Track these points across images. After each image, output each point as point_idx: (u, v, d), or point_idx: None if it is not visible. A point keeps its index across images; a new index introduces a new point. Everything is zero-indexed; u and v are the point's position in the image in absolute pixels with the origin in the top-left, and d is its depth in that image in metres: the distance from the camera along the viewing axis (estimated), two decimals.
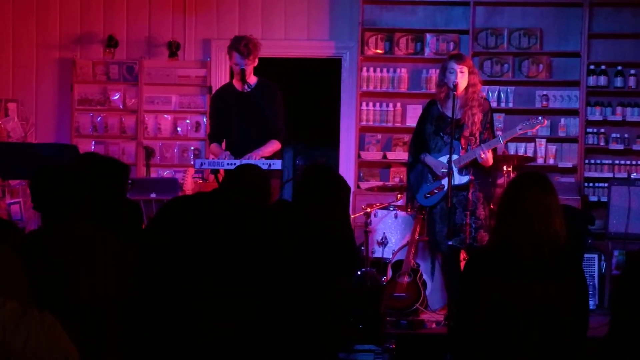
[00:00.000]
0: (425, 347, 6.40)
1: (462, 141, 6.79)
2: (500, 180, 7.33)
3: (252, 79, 7.17)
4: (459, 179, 6.74)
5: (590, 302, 7.12)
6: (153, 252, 4.63)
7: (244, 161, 6.61)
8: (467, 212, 6.73)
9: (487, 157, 6.70)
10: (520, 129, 6.86)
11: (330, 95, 9.98)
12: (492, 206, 6.85)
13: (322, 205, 5.24)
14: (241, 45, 7.06)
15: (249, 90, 7.07)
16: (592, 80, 9.24)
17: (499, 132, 7.32)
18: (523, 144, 9.33)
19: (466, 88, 6.79)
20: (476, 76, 6.87)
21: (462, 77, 6.75)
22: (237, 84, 7.23)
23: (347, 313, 6.24)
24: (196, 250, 4.57)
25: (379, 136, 9.63)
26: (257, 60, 7.17)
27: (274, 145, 7.09)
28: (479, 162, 6.73)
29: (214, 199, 4.90)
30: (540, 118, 6.86)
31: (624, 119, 9.24)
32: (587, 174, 9.21)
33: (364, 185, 9.40)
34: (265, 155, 6.98)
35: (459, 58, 6.87)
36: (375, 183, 9.21)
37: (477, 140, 6.79)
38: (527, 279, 4.02)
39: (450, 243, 6.72)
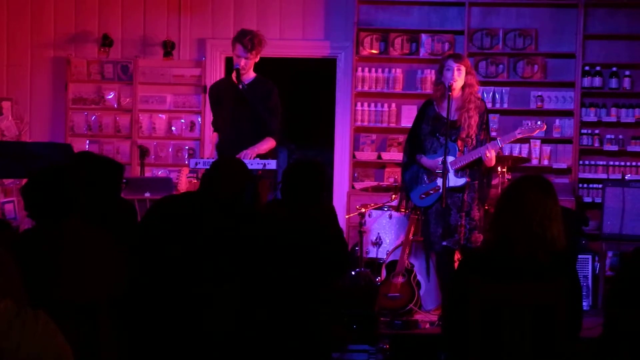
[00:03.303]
0: (419, 347, 6.40)
1: (459, 143, 6.79)
2: (495, 181, 7.33)
3: (251, 75, 7.18)
4: (456, 181, 6.75)
5: (584, 303, 7.15)
6: (142, 252, 4.63)
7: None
8: (462, 213, 6.74)
9: (492, 156, 6.71)
10: (519, 133, 6.85)
11: (325, 95, 9.98)
12: (486, 207, 6.86)
13: (311, 201, 5.25)
14: (246, 39, 7.08)
15: (244, 88, 7.06)
16: (586, 81, 9.24)
17: (494, 133, 7.33)
18: (517, 145, 9.33)
19: (463, 88, 6.79)
20: (473, 77, 6.87)
21: (459, 75, 6.74)
22: (235, 78, 7.23)
23: (341, 313, 6.24)
24: (185, 251, 4.57)
25: (374, 136, 9.63)
26: (259, 57, 7.18)
27: (269, 143, 7.09)
28: (475, 163, 6.74)
29: (201, 198, 4.89)
30: (539, 122, 6.85)
31: (618, 120, 9.25)
32: (582, 175, 9.22)
33: (358, 185, 9.40)
34: (261, 153, 6.97)
35: (457, 57, 6.88)
36: (369, 183, 9.21)
37: (474, 142, 6.79)
38: (520, 280, 4.03)
39: (444, 244, 6.73)
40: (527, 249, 4.00)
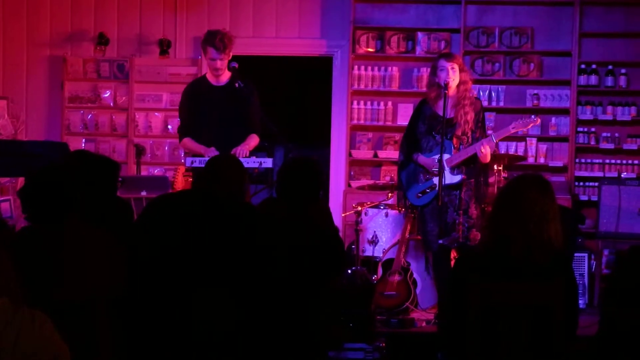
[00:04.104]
0: (415, 345, 6.41)
1: (455, 140, 6.80)
2: (491, 180, 7.33)
3: (226, 75, 7.12)
4: (451, 178, 6.76)
5: (580, 301, 7.16)
6: (139, 251, 4.62)
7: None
8: (459, 211, 6.74)
9: (487, 152, 6.72)
10: (513, 128, 6.87)
11: (322, 93, 9.98)
12: (483, 206, 6.86)
13: (307, 200, 5.25)
14: (217, 40, 7.00)
15: (240, 87, 7.03)
16: (582, 80, 9.25)
17: (489, 132, 7.33)
18: (514, 143, 9.34)
19: (457, 86, 6.80)
20: (467, 74, 6.88)
21: (453, 74, 6.75)
22: (210, 78, 7.18)
23: (337, 311, 6.24)
24: (182, 249, 4.56)
25: (370, 135, 9.63)
26: (231, 55, 7.12)
27: (256, 140, 7.08)
28: (471, 161, 6.75)
29: (197, 197, 4.89)
30: (533, 117, 6.87)
31: (614, 118, 9.26)
32: (578, 173, 9.23)
33: (354, 183, 9.40)
34: (250, 150, 6.98)
35: (448, 56, 6.89)
36: (366, 182, 9.22)
37: (470, 139, 6.80)
38: (517, 279, 4.03)
39: (440, 242, 6.73)
40: (524, 250, 4.00)
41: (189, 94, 7.26)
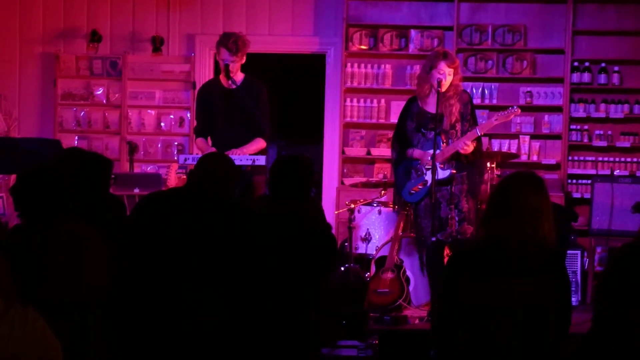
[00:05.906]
0: (408, 342, 6.40)
1: (443, 136, 6.78)
2: (485, 177, 7.33)
3: (239, 76, 7.13)
4: (441, 174, 6.74)
5: (573, 299, 7.16)
6: (130, 249, 4.62)
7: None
8: (451, 205, 6.74)
9: (469, 148, 6.71)
10: (495, 120, 6.89)
11: (315, 91, 9.98)
12: (478, 204, 6.85)
13: (298, 196, 5.25)
14: (230, 42, 7.05)
15: (234, 87, 7.04)
16: (575, 77, 9.26)
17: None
18: (507, 140, 9.35)
19: (448, 87, 6.80)
20: (459, 76, 6.88)
21: (449, 78, 6.74)
22: (223, 79, 7.20)
23: (330, 309, 6.24)
24: (172, 247, 4.56)
25: (363, 132, 9.63)
26: (244, 58, 7.15)
27: (259, 144, 7.05)
28: (460, 155, 6.74)
29: (187, 195, 4.88)
30: (514, 107, 6.89)
31: (607, 116, 9.27)
32: (571, 171, 9.24)
33: (347, 181, 9.40)
34: (250, 153, 6.95)
35: (450, 60, 6.76)
36: (359, 179, 9.21)
37: (459, 134, 6.79)
38: (510, 277, 4.03)
39: (434, 238, 6.73)
40: (517, 247, 4.00)
41: (199, 95, 7.36)
